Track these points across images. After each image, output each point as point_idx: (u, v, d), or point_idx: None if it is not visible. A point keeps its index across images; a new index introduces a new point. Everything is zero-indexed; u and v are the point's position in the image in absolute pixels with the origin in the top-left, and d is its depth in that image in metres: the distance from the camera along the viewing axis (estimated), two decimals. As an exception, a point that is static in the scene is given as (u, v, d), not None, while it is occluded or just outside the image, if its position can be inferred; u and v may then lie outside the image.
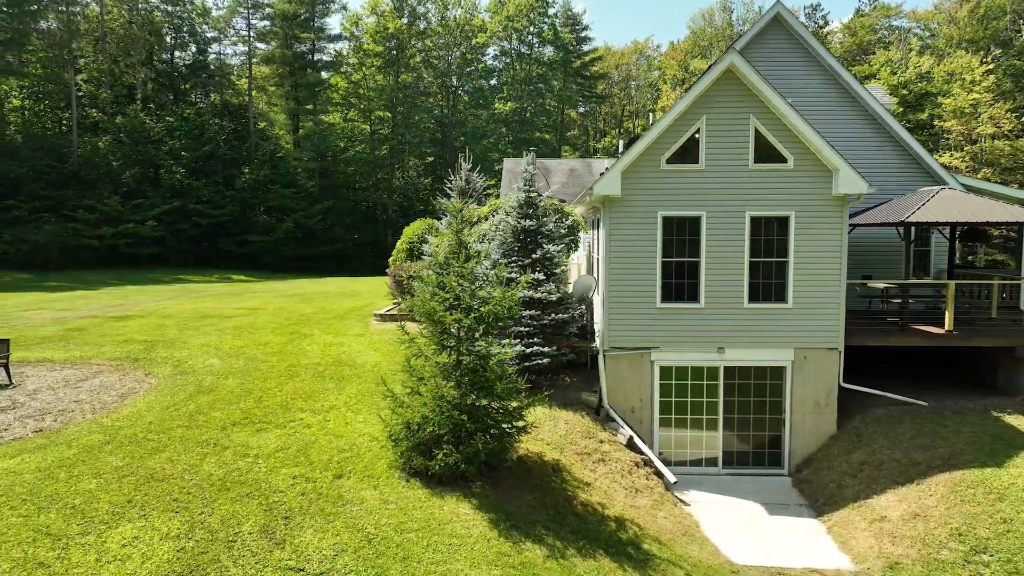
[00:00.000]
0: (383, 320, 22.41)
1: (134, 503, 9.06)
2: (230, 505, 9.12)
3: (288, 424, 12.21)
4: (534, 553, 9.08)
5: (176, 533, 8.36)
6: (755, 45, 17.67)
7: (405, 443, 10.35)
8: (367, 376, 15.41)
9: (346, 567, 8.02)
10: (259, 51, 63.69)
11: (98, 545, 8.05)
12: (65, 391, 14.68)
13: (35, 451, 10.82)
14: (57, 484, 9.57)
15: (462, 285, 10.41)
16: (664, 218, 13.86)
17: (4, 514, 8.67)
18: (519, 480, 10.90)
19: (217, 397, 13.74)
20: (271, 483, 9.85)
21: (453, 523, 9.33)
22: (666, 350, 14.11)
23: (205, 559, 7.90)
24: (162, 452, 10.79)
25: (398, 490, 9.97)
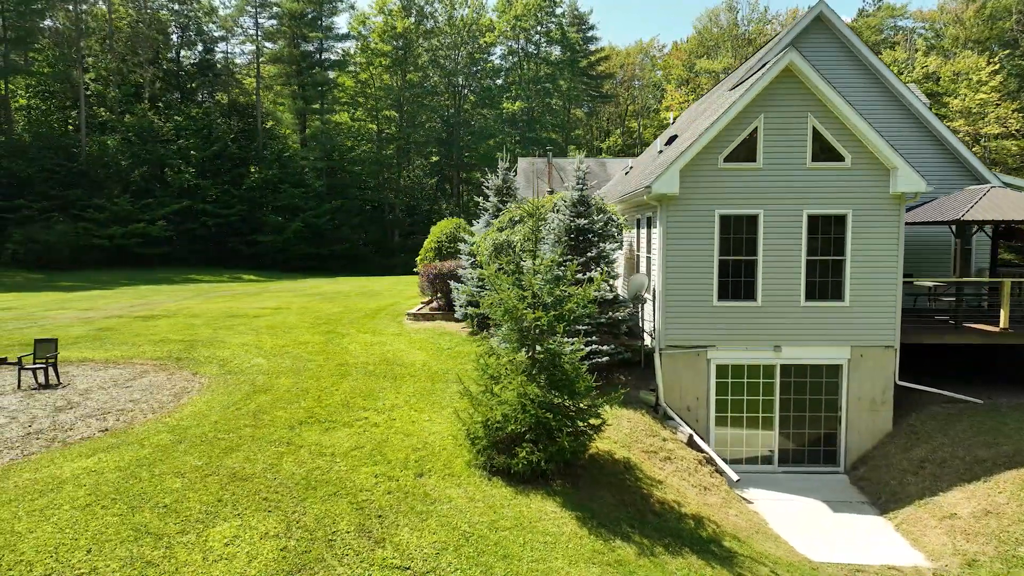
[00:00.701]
0: (416, 319, 22.38)
1: (224, 502, 9.02)
2: (320, 504, 9.09)
3: (354, 423, 12.18)
4: (625, 551, 9.08)
5: (275, 532, 8.33)
6: (797, 44, 17.70)
7: (484, 441, 10.33)
8: (419, 375, 15.38)
9: (450, 565, 8.00)
10: (267, 50, 63.50)
11: (200, 544, 8.01)
12: (117, 390, 14.61)
13: (108, 450, 10.77)
14: (141, 483, 9.52)
15: (541, 283, 10.39)
16: (721, 216, 13.89)
17: (98, 513, 8.63)
18: (595, 478, 10.89)
19: (275, 396, 13.70)
20: (355, 482, 9.82)
21: (543, 521, 9.32)
22: (722, 348, 14.14)
23: (309, 558, 7.87)
24: (237, 451, 10.75)
25: (482, 488, 9.96)
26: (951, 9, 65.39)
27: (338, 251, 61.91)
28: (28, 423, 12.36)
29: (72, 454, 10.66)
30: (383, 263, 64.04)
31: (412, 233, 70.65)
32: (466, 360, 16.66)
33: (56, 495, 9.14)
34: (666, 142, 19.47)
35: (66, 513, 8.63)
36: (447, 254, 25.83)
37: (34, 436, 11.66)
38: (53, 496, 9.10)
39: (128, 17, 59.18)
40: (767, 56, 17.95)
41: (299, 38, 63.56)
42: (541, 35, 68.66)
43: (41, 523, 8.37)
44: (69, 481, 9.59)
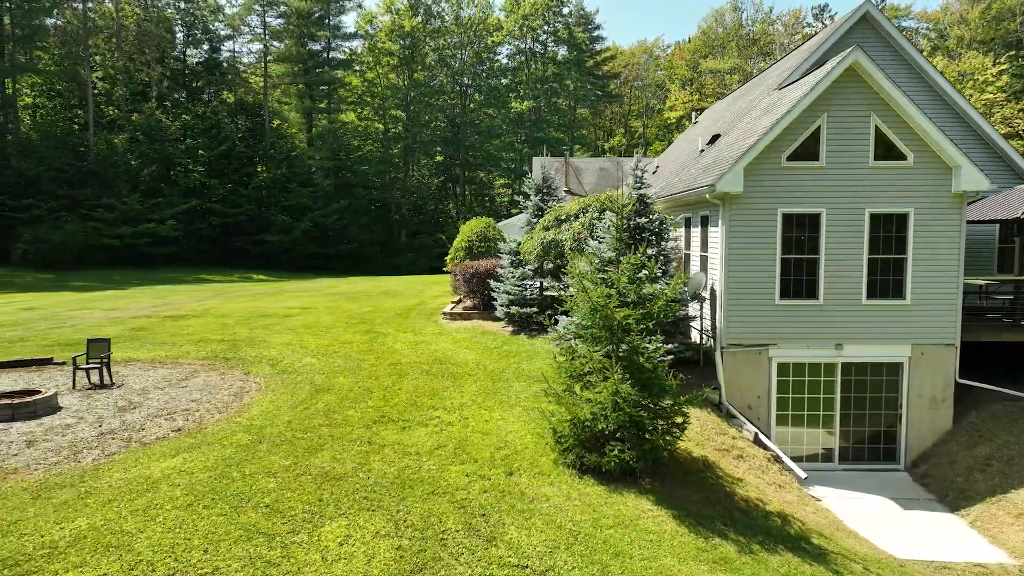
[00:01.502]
0: (453, 318, 22.33)
1: (325, 502, 8.98)
2: (421, 503, 9.06)
3: (429, 423, 12.15)
4: (726, 548, 9.09)
5: (385, 532, 8.30)
6: (843, 43, 17.79)
7: (571, 440, 10.32)
8: (476, 374, 15.34)
9: (566, 564, 7.99)
10: (274, 49, 63.25)
11: (314, 544, 7.97)
12: (173, 390, 14.52)
13: (190, 451, 10.71)
14: (235, 484, 9.47)
15: (627, 282, 10.39)
16: (784, 215, 13.93)
17: (202, 513, 8.58)
18: (678, 476, 10.91)
19: (340, 396, 13.64)
20: (448, 481, 9.79)
21: (643, 519, 9.32)
22: (784, 347, 14.18)
23: (426, 557, 7.84)
24: (321, 451, 10.70)
25: (575, 486, 9.95)
26: (956, 10, 65.84)
27: (344, 251, 61.82)
28: (97, 423, 12.27)
29: (155, 454, 10.58)
30: (388, 263, 63.96)
31: (418, 233, 70.61)
32: (517, 359, 16.65)
33: (154, 495, 9.07)
34: (708, 141, 19.51)
35: (170, 513, 8.57)
36: (478, 253, 25.81)
37: (108, 436, 11.57)
38: (151, 496, 9.04)
39: (135, 16, 58.86)
40: (812, 55, 18.04)
41: (306, 37, 63.37)
42: (548, 35, 68.68)
43: (148, 523, 8.30)
44: (162, 481, 9.53)
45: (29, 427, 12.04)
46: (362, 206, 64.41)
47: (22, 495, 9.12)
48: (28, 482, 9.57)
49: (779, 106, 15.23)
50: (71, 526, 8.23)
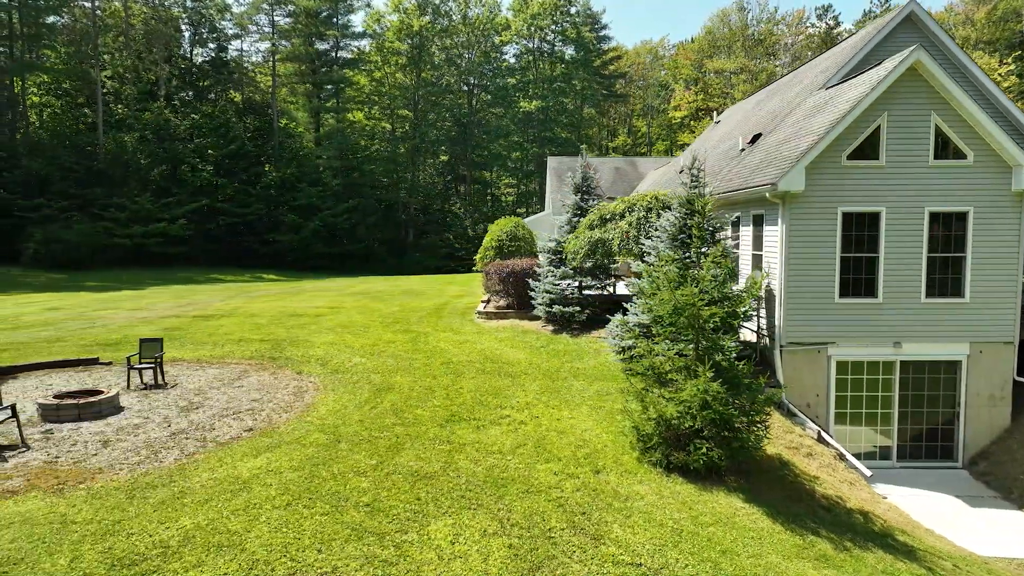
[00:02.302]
0: (488, 317, 22.31)
1: (424, 501, 8.96)
2: (520, 501, 9.06)
3: (500, 421, 12.13)
4: (823, 546, 9.12)
5: (493, 530, 8.29)
6: (887, 43, 17.86)
7: (656, 438, 10.33)
8: (532, 373, 15.33)
9: (678, 562, 7.99)
10: (282, 48, 63.05)
11: (425, 542, 7.95)
12: (230, 390, 14.46)
13: (271, 450, 10.67)
14: (328, 483, 9.44)
15: (711, 280, 10.41)
16: (844, 214, 13.98)
17: (304, 513, 8.55)
18: (759, 474, 10.93)
19: (403, 395, 13.62)
20: (538, 479, 9.79)
21: (738, 516, 9.34)
22: (842, 345, 14.23)
23: (540, 555, 7.83)
24: (404, 450, 10.68)
25: (665, 485, 9.96)
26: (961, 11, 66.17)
27: (353, 250, 61.71)
28: (165, 423, 12.21)
29: (236, 454, 10.54)
30: (396, 262, 63.87)
31: (425, 233, 70.52)
32: (567, 358, 16.65)
33: (249, 495, 9.04)
34: (749, 141, 19.54)
35: (272, 513, 8.54)
36: (508, 252, 25.79)
37: (181, 436, 11.51)
38: (247, 496, 9.00)
39: (142, 14, 58.58)
40: (855, 55, 18.09)
41: (314, 36, 63.20)
42: (556, 34, 68.70)
43: (253, 523, 8.27)
44: (252, 481, 9.49)
45: (98, 427, 11.97)
46: (370, 206, 64.29)
47: (116, 495, 9.07)
48: (118, 482, 9.53)
49: (832, 105, 15.27)
50: (176, 526, 8.20)
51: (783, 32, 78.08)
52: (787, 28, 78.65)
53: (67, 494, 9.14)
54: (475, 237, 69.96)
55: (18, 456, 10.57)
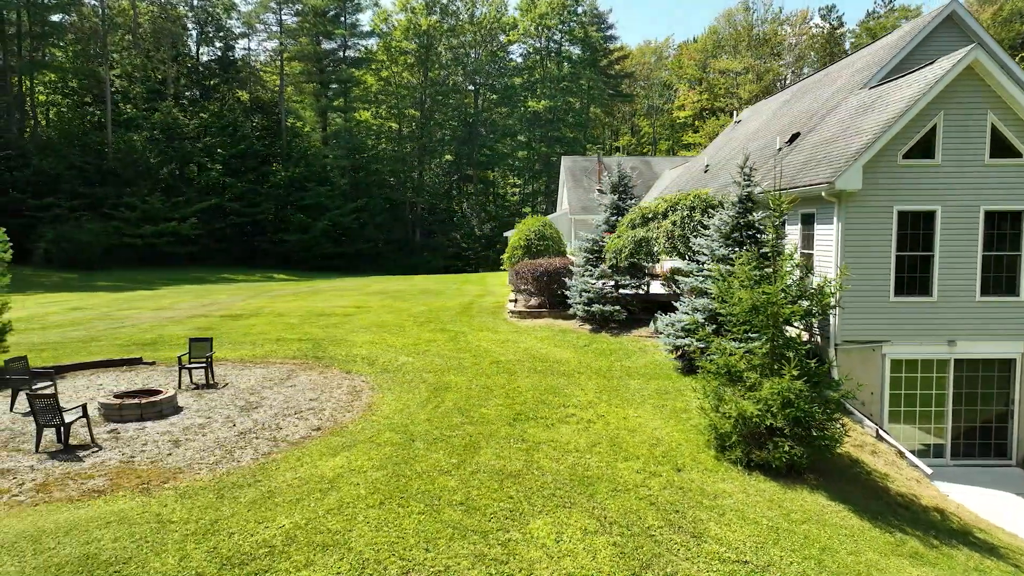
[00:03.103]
0: (522, 316, 22.29)
1: (516, 499, 8.95)
2: (612, 500, 9.05)
3: (568, 420, 12.13)
4: (913, 543, 9.15)
5: (593, 528, 8.28)
6: (928, 43, 17.93)
7: (735, 436, 10.33)
8: (585, 372, 15.32)
9: (782, 559, 8.00)
10: (290, 47, 62.88)
11: (529, 540, 7.94)
12: (283, 389, 14.41)
13: (347, 449, 10.65)
14: (415, 481, 9.42)
15: (790, 279, 10.41)
16: (899, 212, 14.02)
17: (399, 512, 8.53)
18: (834, 471, 10.95)
19: (462, 395, 13.59)
20: (623, 477, 9.78)
21: (826, 514, 9.35)
22: (897, 343, 14.27)
23: (646, 553, 7.83)
24: (481, 449, 10.66)
25: (749, 483, 9.97)
26: (966, 11, 66.44)
27: (362, 250, 61.61)
28: (229, 423, 12.16)
29: (312, 453, 10.51)
30: (404, 262, 63.75)
31: (432, 232, 70.47)
32: (615, 356, 16.64)
33: (339, 494, 9.01)
34: (787, 141, 19.57)
35: (368, 512, 8.51)
36: (537, 251, 25.77)
37: (250, 435, 11.47)
38: (337, 495, 8.97)
39: (149, 13, 58.36)
40: (896, 54, 18.14)
41: (321, 35, 63.06)
42: (563, 34, 68.71)
43: (351, 522, 8.24)
44: (338, 480, 9.46)
45: (163, 427, 11.92)
46: (378, 205, 64.24)
47: (205, 494, 9.03)
48: (202, 481, 9.48)
49: (881, 105, 15.32)
50: (275, 525, 8.16)
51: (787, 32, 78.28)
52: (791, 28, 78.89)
53: (154, 493, 9.10)
54: (482, 237, 69.95)
55: (93, 456, 10.51)
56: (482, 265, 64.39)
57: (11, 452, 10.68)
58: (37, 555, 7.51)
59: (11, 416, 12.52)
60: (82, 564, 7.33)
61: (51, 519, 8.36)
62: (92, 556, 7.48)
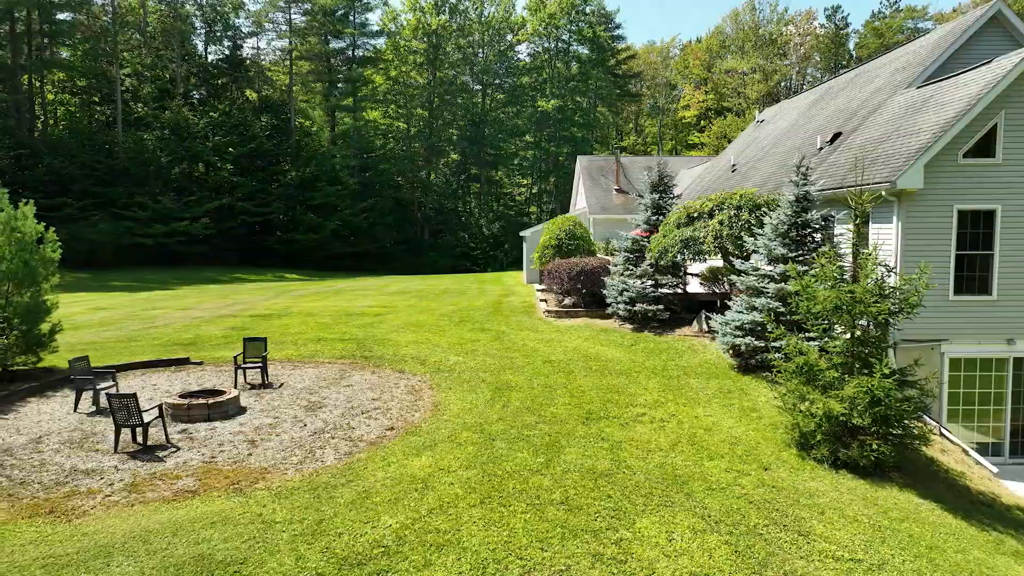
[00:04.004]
0: (559, 316, 22.26)
1: (615, 498, 8.93)
2: (709, 498, 9.04)
3: (640, 420, 12.11)
4: (1011, 542, 9.18)
5: (700, 527, 8.26)
6: (973, 43, 17.98)
7: (820, 435, 10.33)
8: (642, 371, 15.30)
9: (894, 556, 8.00)
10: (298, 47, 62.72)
11: (641, 539, 7.92)
12: (341, 389, 14.36)
13: (429, 449, 10.62)
14: (508, 481, 9.40)
15: (873, 278, 10.43)
16: (959, 211, 14.05)
17: (502, 511, 8.50)
18: (914, 470, 10.96)
19: (527, 394, 13.57)
20: (714, 476, 9.77)
21: (922, 512, 9.36)
22: (955, 342, 14.29)
23: (761, 552, 7.81)
24: (564, 448, 10.65)
25: (838, 481, 9.97)
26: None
27: (372, 250, 61.48)
28: (298, 423, 12.10)
29: (395, 452, 10.47)
30: (412, 262, 63.64)
31: (440, 232, 70.36)
32: (667, 356, 16.62)
33: (436, 493, 8.99)
34: (828, 140, 19.59)
35: (471, 511, 8.48)
36: (568, 251, 25.75)
37: (325, 435, 11.42)
38: (435, 495, 8.94)
39: (157, 11, 58.12)
40: (942, 54, 18.18)
41: (330, 34, 62.93)
42: (572, 34, 68.73)
43: (458, 522, 8.21)
44: (431, 479, 9.43)
45: (233, 427, 11.86)
46: (387, 205, 64.11)
47: (301, 495, 8.99)
48: (293, 481, 9.44)
49: (935, 104, 15.36)
50: (381, 525, 8.13)
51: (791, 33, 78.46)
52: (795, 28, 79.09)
53: (248, 493, 9.05)
54: (489, 236, 69.84)
55: (173, 456, 10.45)
56: (490, 265, 64.32)
57: (89, 452, 10.61)
58: (151, 555, 7.46)
59: (77, 416, 12.45)
60: (199, 564, 7.29)
61: (153, 519, 8.31)
62: (207, 556, 7.44)
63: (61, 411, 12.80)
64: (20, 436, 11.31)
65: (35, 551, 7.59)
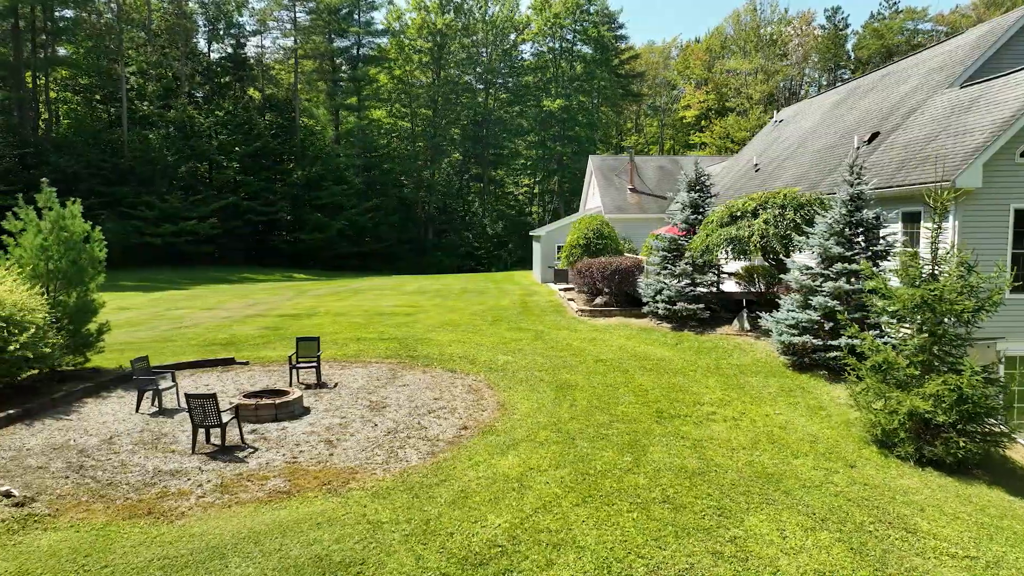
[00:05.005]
0: (593, 315, 22.26)
1: (716, 496, 8.91)
2: (808, 496, 9.03)
3: (713, 418, 12.11)
4: (1104, 537, 9.18)
5: (809, 525, 8.26)
6: (1012, 44, 18.13)
7: (903, 432, 10.36)
8: (699, 370, 15.30)
9: (1006, 554, 8.01)
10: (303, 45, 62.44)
11: (757, 537, 7.90)
12: (400, 389, 14.28)
13: (513, 447, 10.58)
14: (603, 480, 9.37)
15: (956, 276, 10.47)
16: (1016, 210, 14.15)
17: (609, 511, 8.47)
18: (992, 467, 10.99)
19: (591, 393, 13.54)
20: (805, 474, 9.77)
21: (1017, 509, 9.39)
22: (1012, 340, 14.40)
23: (874, 549, 7.81)
24: (647, 447, 10.63)
25: (926, 478, 9.99)
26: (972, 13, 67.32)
27: (378, 249, 61.29)
28: (368, 423, 12.03)
29: (479, 452, 10.42)
30: (417, 261, 63.47)
31: (444, 232, 70.22)
32: (715, 355, 16.63)
33: (536, 493, 8.95)
34: (866, 140, 19.69)
35: (578, 511, 8.45)
36: (596, 250, 25.75)
37: (399, 434, 11.35)
38: (534, 494, 8.90)
39: (161, 9, 57.71)
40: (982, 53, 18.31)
41: (335, 33, 62.69)
42: (577, 34, 68.78)
43: (567, 521, 8.17)
44: (524, 479, 9.39)
45: (302, 427, 11.77)
46: (391, 204, 63.94)
47: (398, 494, 8.93)
48: (386, 481, 9.38)
49: (984, 104, 15.46)
50: (491, 525, 8.08)
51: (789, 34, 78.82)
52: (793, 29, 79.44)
53: (343, 494, 8.97)
54: (493, 236, 69.79)
55: (253, 456, 10.35)
56: (494, 264, 64.24)
57: (166, 453, 10.49)
58: (267, 556, 7.38)
59: (140, 417, 12.30)
60: (318, 565, 7.21)
61: (257, 520, 8.22)
62: (324, 557, 7.37)
63: (122, 412, 12.65)
64: (91, 437, 11.17)
65: (147, 552, 7.49)
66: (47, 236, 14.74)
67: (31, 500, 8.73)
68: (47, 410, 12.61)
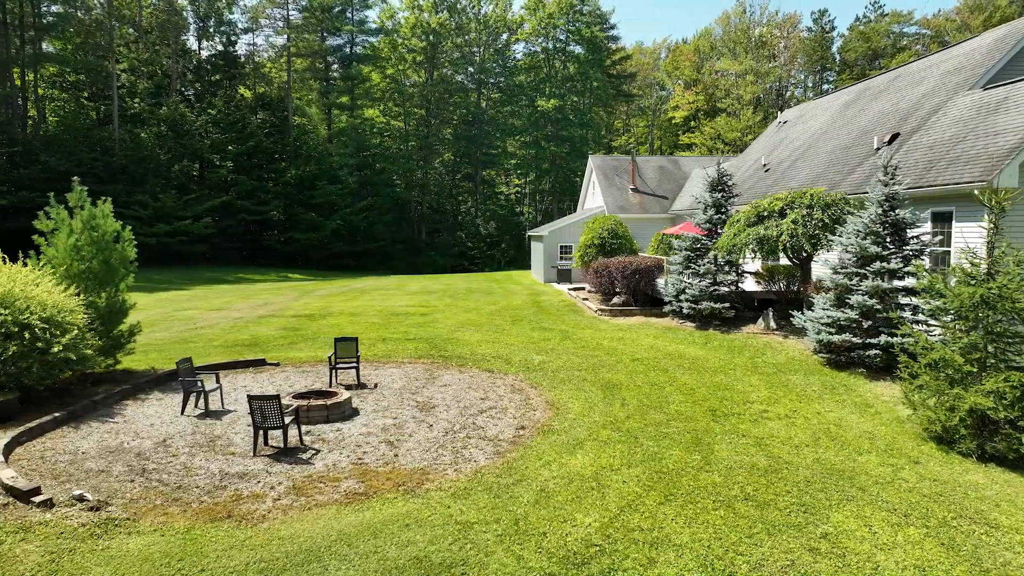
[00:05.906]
0: (614, 315, 22.32)
1: (795, 493, 8.96)
2: (883, 491, 9.12)
3: (766, 416, 12.18)
4: None
5: (894, 521, 8.33)
6: (1031, 46, 18.47)
7: (963, 429, 10.50)
8: (738, 369, 15.39)
9: (1087, 547, 8.14)
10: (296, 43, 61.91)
11: (847, 534, 7.95)
12: (442, 390, 14.22)
13: (578, 448, 10.56)
14: (680, 478, 9.40)
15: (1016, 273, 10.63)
16: (1050, 210, 14.43)
17: (694, 509, 8.48)
18: (1045, 462, 11.17)
19: (639, 392, 13.57)
20: (872, 470, 9.86)
21: (1084, 504, 9.54)
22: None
23: (964, 543, 7.89)
24: (711, 446, 10.67)
25: (991, 474, 10.11)
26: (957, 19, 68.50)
27: (372, 249, 60.96)
28: (423, 423, 11.95)
29: (546, 452, 10.39)
30: (411, 261, 63.25)
31: (437, 231, 70.03)
32: (747, 354, 16.74)
33: (617, 492, 8.95)
34: (887, 141, 19.95)
35: (665, 509, 8.46)
36: (611, 250, 25.82)
37: (458, 434, 11.30)
38: (615, 493, 8.90)
39: (151, 6, 56.91)
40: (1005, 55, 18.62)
41: (328, 31, 62.24)
42: (570, 34, 68.91)
43: (656, 519, 8.17)
44: (602, 477, 9.40)
45: (357, 428, 11.67)
46: (386, 204, 63.63)
47: (478, 494, 8.87)
48: (462, 481, 9.31)
49: (1013, 105, 15.74)
50: (582, 524, 8.06)
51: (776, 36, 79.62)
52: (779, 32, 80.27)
53: (421, 495, 8.90)
54: (487, 236, 69.70)
55: (317, 458, 10.23)
56: (488, 264, 64.17)
57: (226, 456, 10.34)
58: (364, 558, 7.30)
59: (188, 420, 12.11)
60: (419, 566, 7.15)
61: (343, 522, 8.13)
62: (423, 559, 7.30)
63: (166, 414, 12.45)
64: (144, 440, 10.98)
65: (241, 556, 7.37)
66: (79, 236, 14.43)
67: (105, 504, 8.55)
68: (90, 412, 12.38)
